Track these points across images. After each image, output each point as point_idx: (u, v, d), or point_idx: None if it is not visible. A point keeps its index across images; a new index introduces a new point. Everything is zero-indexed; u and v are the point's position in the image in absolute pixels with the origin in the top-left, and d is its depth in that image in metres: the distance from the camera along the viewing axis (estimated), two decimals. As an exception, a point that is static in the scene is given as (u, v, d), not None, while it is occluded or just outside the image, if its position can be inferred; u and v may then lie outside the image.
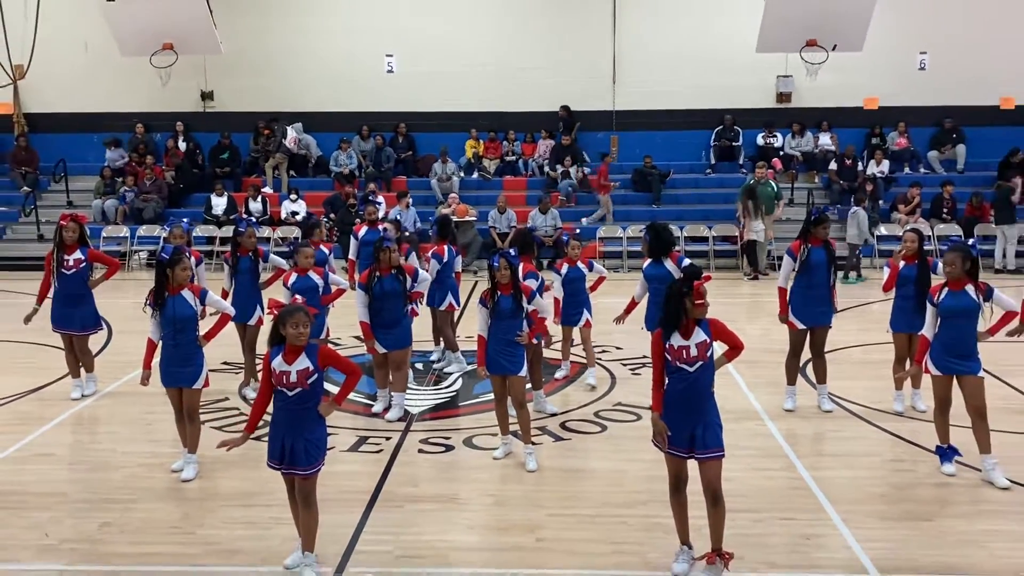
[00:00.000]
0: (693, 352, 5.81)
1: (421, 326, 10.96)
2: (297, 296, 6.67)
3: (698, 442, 5.86)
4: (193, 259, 9.34)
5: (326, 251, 10.47)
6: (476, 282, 11.22)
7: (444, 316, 10.92)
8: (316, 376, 5.93)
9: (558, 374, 10.58)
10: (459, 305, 11.13)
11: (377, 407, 9.42)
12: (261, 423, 6.14)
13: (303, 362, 5.89)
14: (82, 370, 10.05)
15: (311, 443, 5.97)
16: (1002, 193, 18.51)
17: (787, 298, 9.27)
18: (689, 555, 6.06)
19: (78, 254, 9.84)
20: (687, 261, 9.01)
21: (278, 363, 5.90)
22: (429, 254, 10.75)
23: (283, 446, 5.94)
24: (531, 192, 20.77)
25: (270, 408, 6.06)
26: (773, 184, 18.79)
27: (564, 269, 10.01)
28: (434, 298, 10.67)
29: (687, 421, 5.87)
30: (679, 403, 5.90)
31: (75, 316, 9.86)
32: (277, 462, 6.01)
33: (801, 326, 9.22)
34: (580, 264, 10.07)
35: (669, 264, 9.23)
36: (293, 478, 6.02)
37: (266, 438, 6.11)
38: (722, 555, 5.93)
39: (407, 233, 11.28)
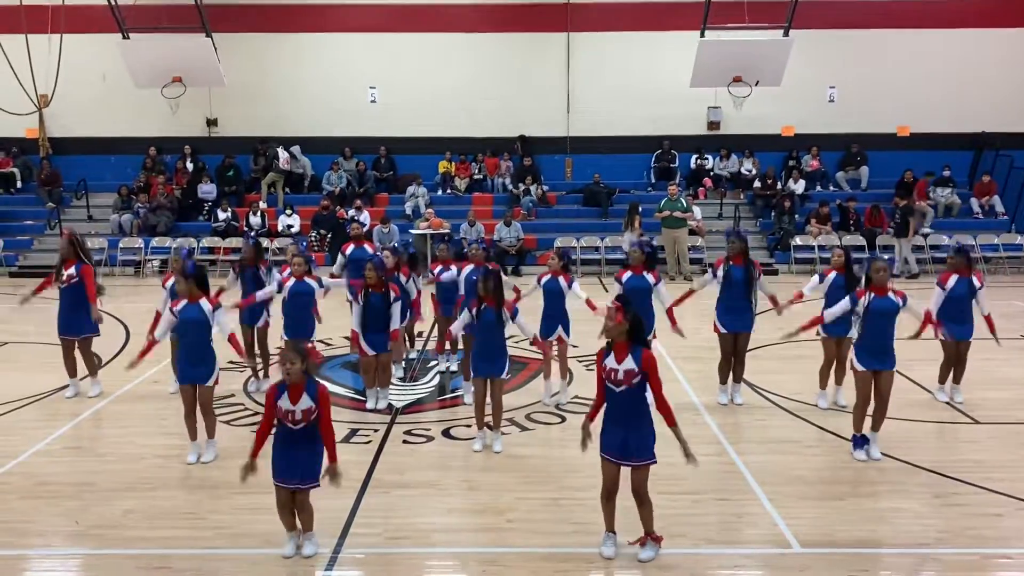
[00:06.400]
0: (620, 376, 5.69)
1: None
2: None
3: (630, 450, 5.74)
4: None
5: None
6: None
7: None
8: (317, 413, 5.79)
9: (551, 399, 9.40)
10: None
11: (369, 404, 9.32)
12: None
13: (306, 402, 5.74)
14: (85, 372, 9.74)
15: (316, 461, 5.86)
16: (903, 212, 18.47)
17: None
18: (614, 540, 6.00)
19: (72, 270, 9.54)
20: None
21: (283, 402, 5.74)
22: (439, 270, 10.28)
23: (289, 465, 5.81)
24: (497, 207, 20.72)
25: None
26: (683, 201, 18.72)
27: (545, 279, 9.21)
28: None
29: (618, 430, 5.76)
30: (611, 412, 5.82)
31: (72, 322, 9.62)
32: (283, 480, 5.84)
33: (724, 331, 9.19)
34: (561, 279, 9.10)
35: (650, 277, 9.08)
36: (294, 491, 5.89)
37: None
38: (654, 538, 5.91)
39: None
